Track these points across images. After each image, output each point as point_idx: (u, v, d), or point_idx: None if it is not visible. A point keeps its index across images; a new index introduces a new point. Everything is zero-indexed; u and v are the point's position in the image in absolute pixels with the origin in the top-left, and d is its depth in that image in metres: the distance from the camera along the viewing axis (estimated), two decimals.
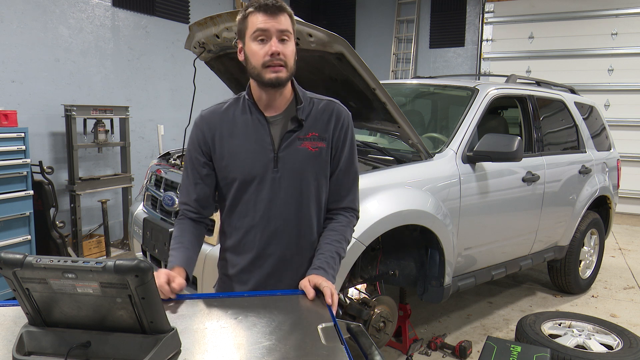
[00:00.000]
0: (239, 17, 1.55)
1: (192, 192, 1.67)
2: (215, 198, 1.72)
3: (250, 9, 1.51)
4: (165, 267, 2.84)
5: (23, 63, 4.69)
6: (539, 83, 4.38)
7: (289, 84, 1.62)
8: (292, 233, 1.64)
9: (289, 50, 1.52)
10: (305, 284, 1.49)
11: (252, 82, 1.60)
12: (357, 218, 1.76)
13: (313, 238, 1.68)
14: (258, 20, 1.49)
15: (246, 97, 1.63)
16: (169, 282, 1.44)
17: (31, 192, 3.92)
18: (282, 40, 1.50)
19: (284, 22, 1.50)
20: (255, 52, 1.51)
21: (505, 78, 4.20)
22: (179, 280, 1.46)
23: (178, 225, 1.69)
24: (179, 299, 1.45)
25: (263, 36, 1.49)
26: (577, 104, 4.43)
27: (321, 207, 1.68)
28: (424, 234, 2.88)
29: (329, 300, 1.42)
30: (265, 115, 1.61)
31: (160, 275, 1.43)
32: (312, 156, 1.61)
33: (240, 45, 1.57)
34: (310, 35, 2.32)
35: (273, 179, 1.59)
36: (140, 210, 3.27)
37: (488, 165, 3.19)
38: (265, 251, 1.65)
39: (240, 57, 1.58)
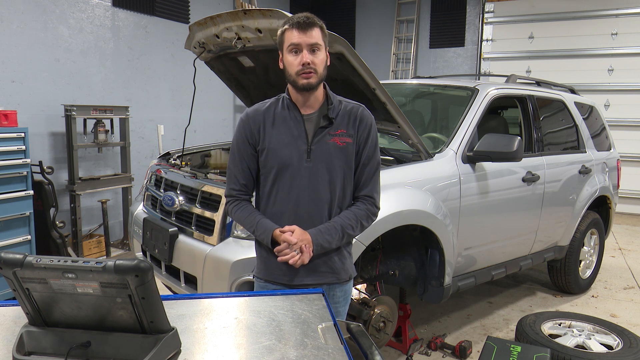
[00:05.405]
0: (278, 32, 1.84)
1: (241, 178, 1.94)
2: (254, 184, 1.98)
3: (286, 26, 1.79)
4: (166, 267, 2.88)
5: (23, 63, 4.69)
6: (539, 83, 4.38)
7: (321, 87, 1.86)
8: (322, 217, 1.87)
9: (319, 59, 1.78)
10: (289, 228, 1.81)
11: (289, 86, 1.87)
12: (377, 207, 1.95)
13: None
14: (292, 36, 1.77)
15: (286, 97, 1.90)
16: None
17: (31, 192, 3.92)
18: (312, 51, 1.77)
19: (315, 35, 1.76)
20: (290, 62, 1.79)
21: (505, 78, 4.20)
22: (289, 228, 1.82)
23: (241, 205, 1.94)
24: (179, 298, 1.45)
25: (296, 49, 1.77)
26: (577, 104, 4.43)
27: (345, 196, 1.91)
28: (424, 234, 2.88)
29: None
30: (301, 112, 1.87)
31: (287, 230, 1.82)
32: (340, 150, 1.86)
33: (280, 56, 1.85)
34: None
35: (306, 168, 1.84)
36: (140, 210, 3.27)
37: (488, 165, 3.19)
38: None
39: (281, 65, 1.85)
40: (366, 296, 2.82)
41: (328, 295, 1.88)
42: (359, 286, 2.91)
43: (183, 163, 3.34)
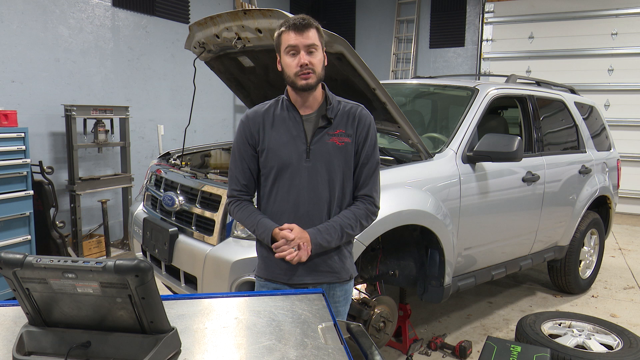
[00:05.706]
0: (275, 34, 1.85)
1: (242, 179, 1.96)
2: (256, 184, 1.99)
3: (283, 28, 1.81)
4: (166, 267, 2.88)
5: (23, 63, 4.69)
6: (539, 83, 4.38)
7: (320, 88, 1.89)
8: (321, 216, 1.88)
9: (317, 59, 1.80)
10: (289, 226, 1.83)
11: (288, 87, 1.89)
12: (377, 207, 1.96)
13: None
14: (289, 38, 1.79)
15: (285, 98, 1.92)
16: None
17: (31, 192, 3.92)
18: (310, 52, 1.79)
19: (311, 36, 1.78)
20: (288, 64, 1.81)
21: (505, 78, 4.20)
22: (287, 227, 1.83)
23: (243, 205, 1.96)
24: (179, 298, 1.45)
25: (294, 51, 1.79)
26: (577, 104, 4.43)
27: (345, 195, 1.92)
28: (424, 234, 2.88)
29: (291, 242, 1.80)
30: (300, 113, 1.88)
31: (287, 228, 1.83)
32: (339, 149, 1.88)
33: (278, 58, 1.86)
34: None
35: (305, 168, 1.86)
36: (140, 210, 3.27)
37: (488, 165, 3.19)
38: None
39: (279, 67, 1.87)
40: (366, 296, 2.82)
41: (328, 294, 1.88)
42: (359, 286, 2.91)
43: (183, 163, 3.35)
